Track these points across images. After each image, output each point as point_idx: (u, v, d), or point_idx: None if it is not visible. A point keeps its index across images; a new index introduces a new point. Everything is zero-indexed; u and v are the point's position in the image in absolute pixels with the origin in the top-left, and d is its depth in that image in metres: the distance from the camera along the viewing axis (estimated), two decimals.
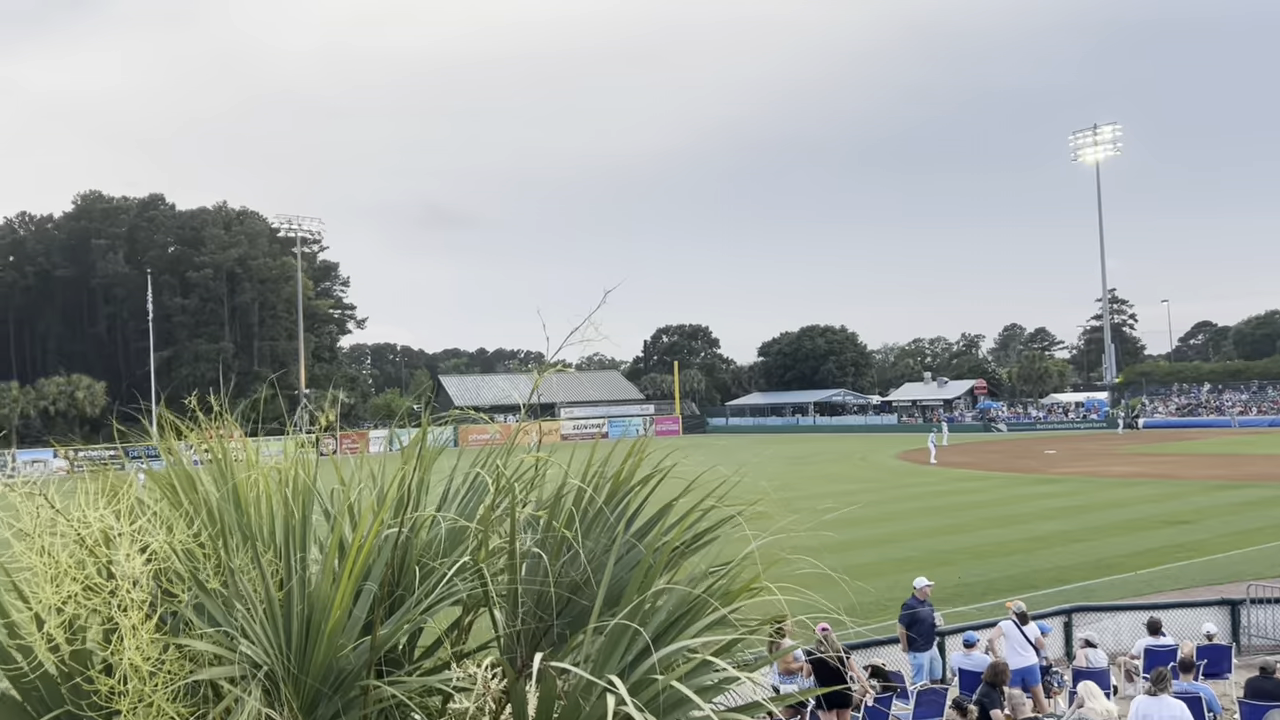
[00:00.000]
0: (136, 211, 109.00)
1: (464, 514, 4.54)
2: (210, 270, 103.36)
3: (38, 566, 2.95)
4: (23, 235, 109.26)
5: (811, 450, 69.95)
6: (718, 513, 4.47)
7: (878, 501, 37.54)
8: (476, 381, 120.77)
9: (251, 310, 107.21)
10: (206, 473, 4.18)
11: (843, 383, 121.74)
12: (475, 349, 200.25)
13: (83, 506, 3.12)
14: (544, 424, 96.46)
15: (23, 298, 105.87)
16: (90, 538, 3.08)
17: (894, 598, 16.14)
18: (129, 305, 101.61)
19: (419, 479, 4.17)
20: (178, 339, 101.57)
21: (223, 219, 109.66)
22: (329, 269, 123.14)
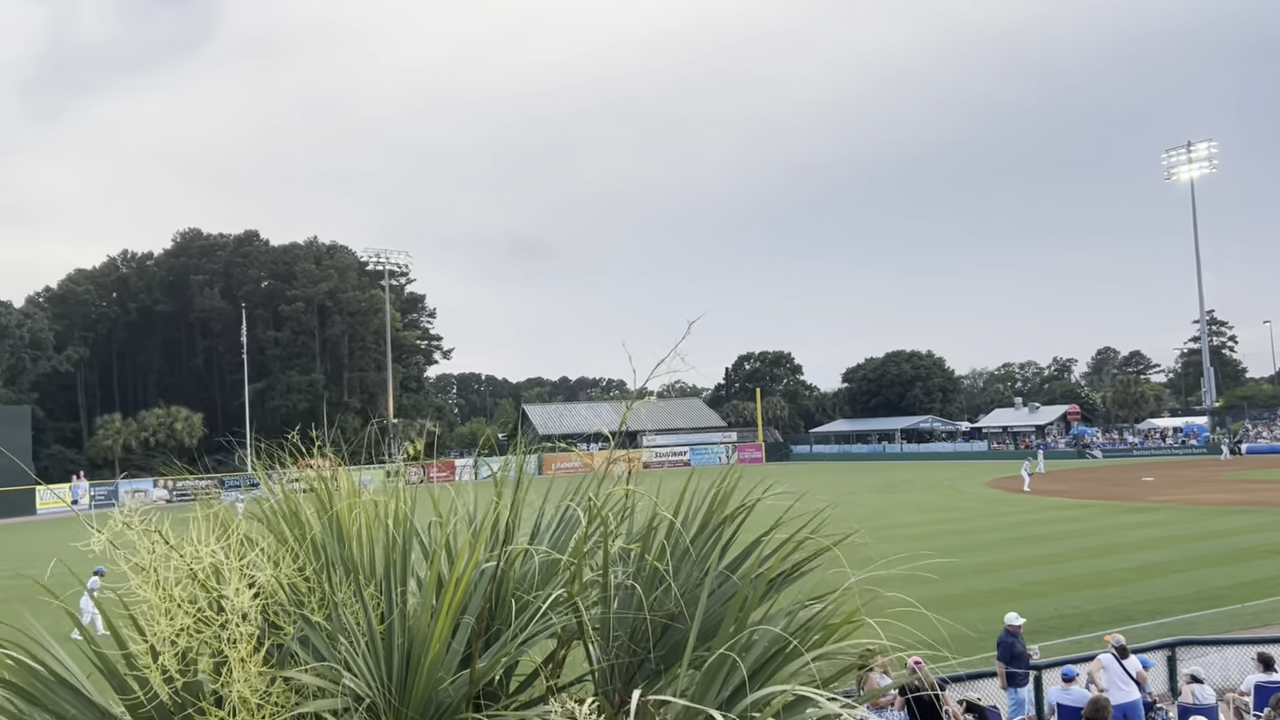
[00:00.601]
0: (232, 248, 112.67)
1: (556, 546, 4.58)
2: (302, 304, 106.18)
3: (153, 600, 3.05)
4: (125, 272, 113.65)
5: (899, 478, 68.78)
6: (812, 544, 4.42)
7: (969, 531, 36.71)
8: (559, 410, 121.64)
9: (341, 342, 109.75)
10: (308, 503, 4.28)
11: (930, 409, 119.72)
12: (558, 377, 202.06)
13: (195, 541, 3.22)
14: (627, 453, 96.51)
15: (125, 333, 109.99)
16: (202, 572, 3.17)
17: (988, 630, 15.74)
18: (225, 339, 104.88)
19: (512, 512, 4.21)
20: (271, 371, 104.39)
21: (314, 254, 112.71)
22: (416, 301, 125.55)
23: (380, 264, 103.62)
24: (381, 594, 3.66)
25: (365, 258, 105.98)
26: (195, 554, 3.18)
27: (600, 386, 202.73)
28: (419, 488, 5.05)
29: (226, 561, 3.15)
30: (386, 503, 4.26)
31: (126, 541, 3.21)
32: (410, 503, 4.38)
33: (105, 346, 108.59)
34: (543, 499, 4.77)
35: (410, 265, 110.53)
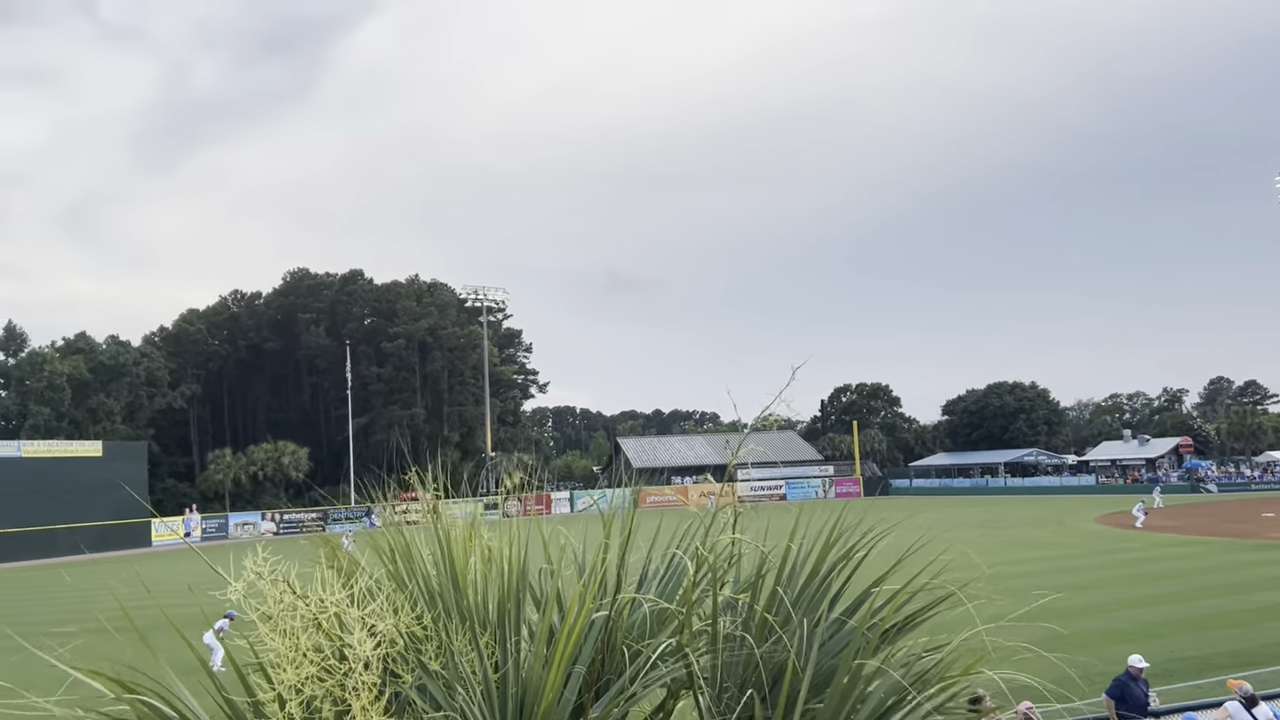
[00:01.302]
0: (338, 286, 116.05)
1: (664, 594, 4.57)
2: (403, 340, 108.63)
3: (280, 649, 3.14)
4: (236, 311, 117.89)
5: (1003, 513, 66.93)
6: (928, 591, 4.33)
7: (1078, 569, 35.48)
8: (653, 443, 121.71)
9: (441, 377, 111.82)
10: (421, 539, 4.35)
11: (1034, 442, 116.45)
12: (651, 410, 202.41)
13: (319, 590, 3.30)
14: (723, 486, 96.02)
15: (235, 370, 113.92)
16: (326, 621, 3.25)
17: (1102, 671, 15.16)
18: (330, 375, 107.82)
19: (621, 560, 4.23)
20: (374, 406, 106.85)
21: (414, 291, 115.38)
22: (513, 336, 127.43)
23: (478, 300, 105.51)
24: (496, 642, 3.70)
25: (464, 294, 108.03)
26: (320, 603, 3.26)
27: (694, 419, 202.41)
28: (528, 525, 5.09)
29: (350, 611, 3.23)
30: (501, 548, 4.31)
31: (256, 590, 3.32)
32: (523, 547, 4.43)
33: (217, 383, 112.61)
34: (650, 544, 4.78)
35: (507, 301, 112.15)
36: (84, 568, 57.66)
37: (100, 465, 70.44)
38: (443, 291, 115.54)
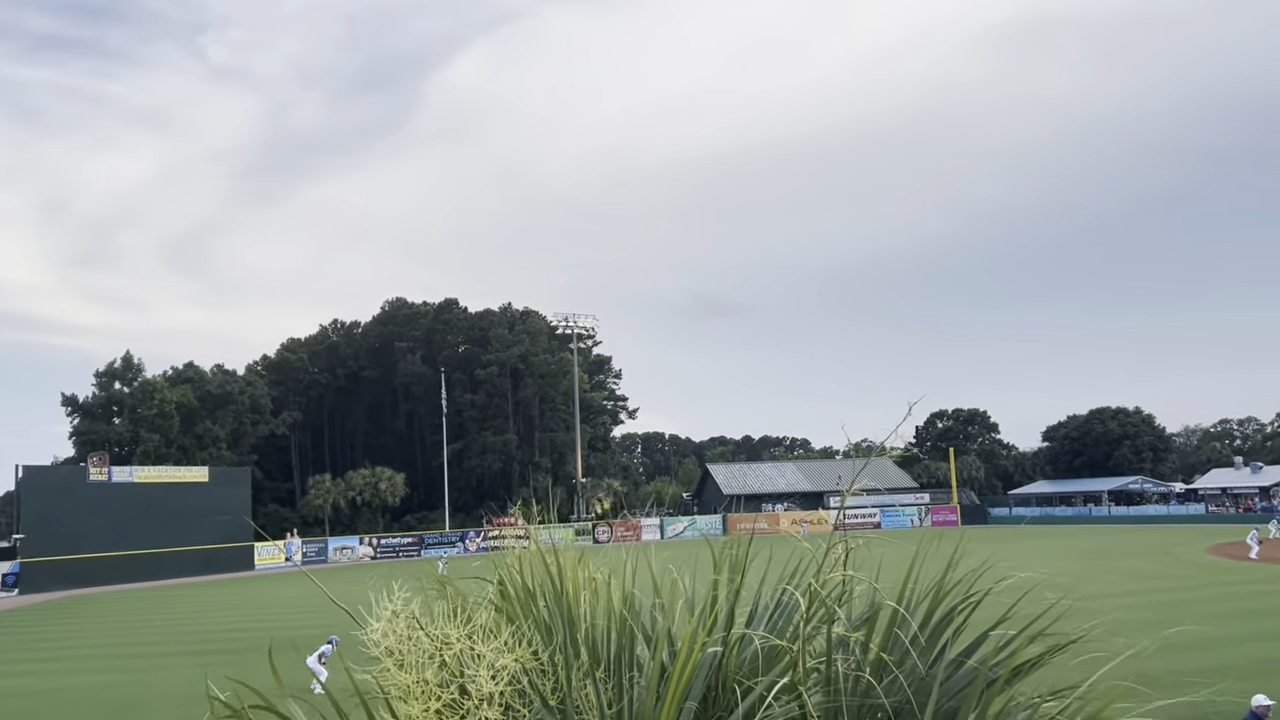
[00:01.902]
0: (433, 315, 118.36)
1: (775, 631, 4.53)
2: (496, 367, 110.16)
3: (406, 683, 3.20)
4: (335, 340, 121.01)
5: (1107, 543, 64.72)
6: (1048, 635, 4.21)
7: (1188, 601, 34.05)
8: (743, 469, 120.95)
9: (533, 404, 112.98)
10: (530, 575, 4.39)
11: (1139, 469, 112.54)
12: (741, 436, 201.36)
13: (442, 625, 3.36)
14: (813, 514, 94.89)
15: (335, 397, 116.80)
16: (451, 657, 3.31)
17: (1222, 711, 14.50)
18: (425, 402, 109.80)
19: (735, 596, 4.21)
20: (468, 432, 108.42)
21: (507, 319, 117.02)
22: (602, 362, 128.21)
23: (569, 327, 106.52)
24: (610, 677, 3.72)
25: (555, 322, 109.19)
26: (444, 638, 3.32)
27: (783, 445, 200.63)
28: (634, 555, 5.10)
29: (475, 647, 3.28)
30: (606, 579, 4.33)
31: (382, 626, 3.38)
32: (630, 578, 4.44)
33: (317, 410, 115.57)
34: (760, 580, 4.74)
35: (597, 328, 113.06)
36: (191, 590, 59.57)
37: (206, 490, 72.75)
38: (534, 319, 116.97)
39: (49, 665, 30.98)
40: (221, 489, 73.98)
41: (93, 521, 64.89)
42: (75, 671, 29.18)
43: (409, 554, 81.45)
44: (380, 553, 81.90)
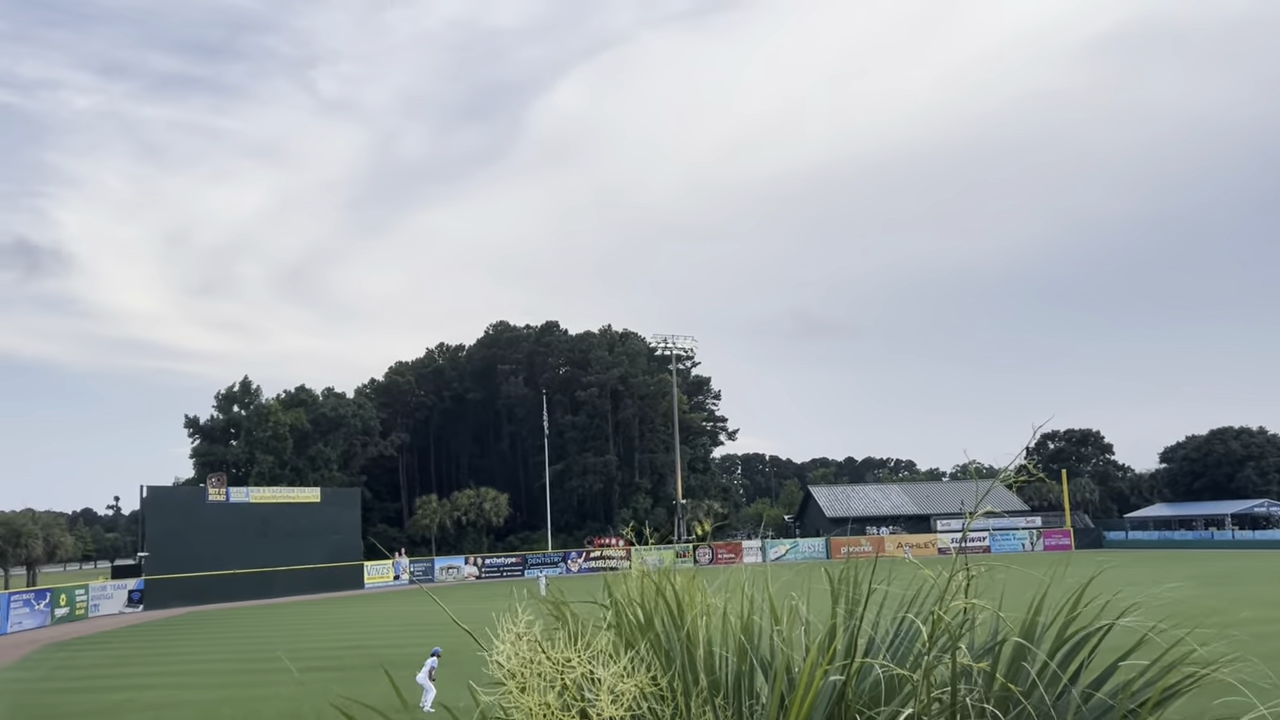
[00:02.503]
0: (534, 338, 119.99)
1: (894, 660, 4.45)
2: (596, 389, 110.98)
3: (530, 706, 3.24)
4: (441, 364, 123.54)
5: (1232, 569, 61.77)
6: (1182, 667, 4.05)
7: None
8: (846, 491, 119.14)
9: (632, 425, 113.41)
10: (640, 595, 4.40)
11: (1265, 491, 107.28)
12: (843, 458, 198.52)
13: (563, 648, 3.40)
14: (919, 537, 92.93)
15: (440, 419, 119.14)
16: (572, 681, 3.34)
17: None
18: (527, 423, 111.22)
19: (858, 623, 4.15)
20: (569, 453, 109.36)
21: (606, 341, 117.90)
22: (701, 383, 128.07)
23: (667, 349, 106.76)
24: (729, 704, 3.70)
25: (654, 343, 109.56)
26: (565, 662, 3.35)
27: (888, 467, 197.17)
28: (749, 579, 5.06)
29: (597, 671, 3.30)
30: (723, 603, 4.31)
31: (501, 650, 3.43)
32: (746, 602, 4.41)
33: (423, 432, 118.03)
34: (878, 608, 4.66)
35: (696, 349, 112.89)
36: (304, 608, 61.24)
37: (318, 510, 74.80)
38: (633, 341, 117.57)
39: (172, 679, 32.16)
40: (333, 509, 76.00)
41: (211, 540, 67.27)
42: (196, 686, 30.22)
43: (513, 574, 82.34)
44: (485, 572, 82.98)
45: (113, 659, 39.28)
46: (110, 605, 61.26)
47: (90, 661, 38.60)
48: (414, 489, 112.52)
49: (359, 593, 72.96)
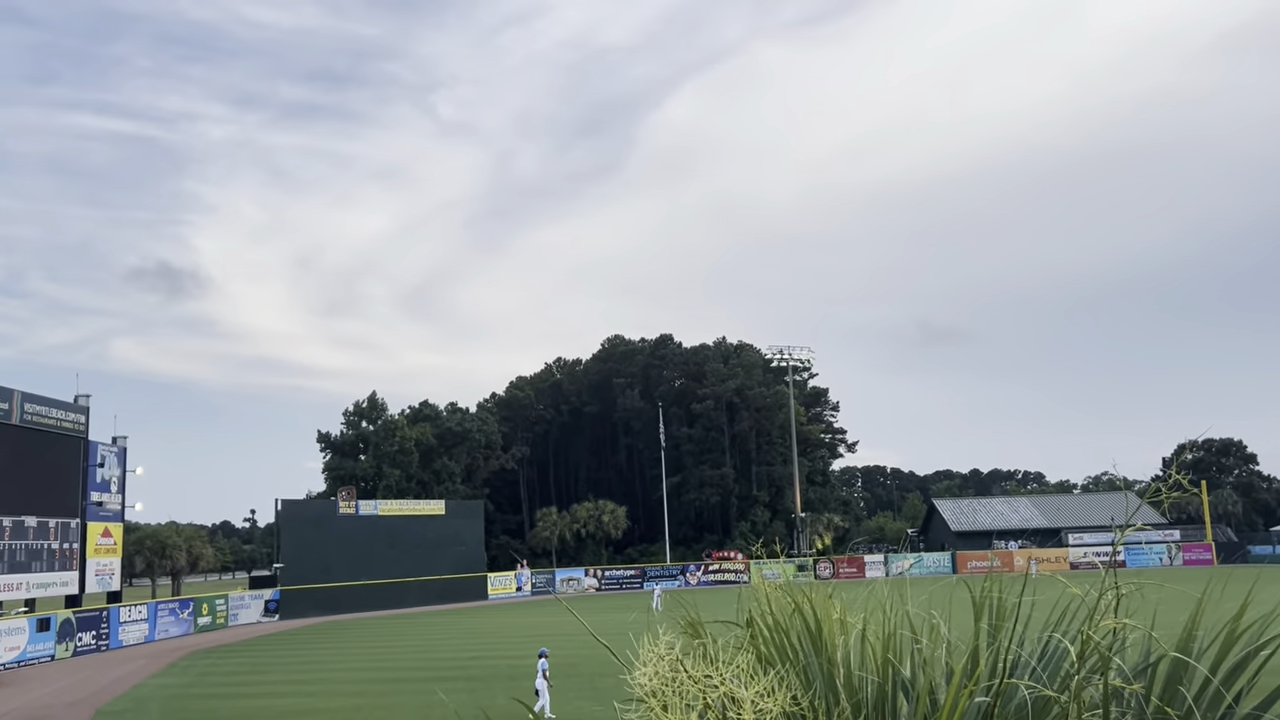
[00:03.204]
0: (649, 351, 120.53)
1: (1039, 679, 4.31)
2: (711, 401, 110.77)
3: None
4: (559, 378, 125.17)
5: None
6: None
7: None
8: (972, 504, 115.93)
9: (749, 437, 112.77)
10: (775, 611, 4.36)
11: None
12: (968, 470, 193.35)
13: (703, 666, 3.40)
14: (1049, 551, 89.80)
15: (559, 433, 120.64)
16: (713, 699, 3.34)
17: None
18: (644, 436, 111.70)
19: (1008, 640, 4.03)
20: (685, 465, 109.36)
21: (721, 353, 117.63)
22: (819, 395, 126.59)
23: (784, 360, 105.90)
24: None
25: (769, 354, 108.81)
26: (707, 679, 3.35)
27: (1015, 479, 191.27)
28: (887, 594, 4.97)
29: (739, 690, 3.29)
30: (859, 621, 4.25)
31: (644, 666, 3.44)
32: (885, 620, 4.34)
33: (543, 445, 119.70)
34: (1022, 627, 4.53)
35: (813, 360, 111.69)
36: (430, 618, 62.67)
37: (443, 523, 76.49)
38: (749, 352, 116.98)
39: (307, 687, 33.30)
40: (457, 521, 77.63)
41: (342, 552, 69.45)
42: (330, 694, 31.22)
43: (632, 586, 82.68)
44: (605, 584, 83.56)
45: (251, 666, 40.90)
46: (248, 614, 63.79)
47: (231, 669, 40.26)
48: (534, 501, 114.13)
49: (483, 604, 74.30)
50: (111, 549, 54.49)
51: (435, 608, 70.55)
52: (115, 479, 55.29)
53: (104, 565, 53.39)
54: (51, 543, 48.82)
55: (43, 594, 48.80)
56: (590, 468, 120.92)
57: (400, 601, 70.48)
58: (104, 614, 50.45)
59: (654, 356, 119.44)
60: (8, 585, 46.28)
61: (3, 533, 45.51)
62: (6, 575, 45.85)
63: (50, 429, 49.78)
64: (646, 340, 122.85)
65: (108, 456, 54.68)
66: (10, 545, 46.01)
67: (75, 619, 47.87)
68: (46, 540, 48.48)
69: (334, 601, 66.56)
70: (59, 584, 49.57)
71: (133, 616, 52.64)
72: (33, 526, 47.55)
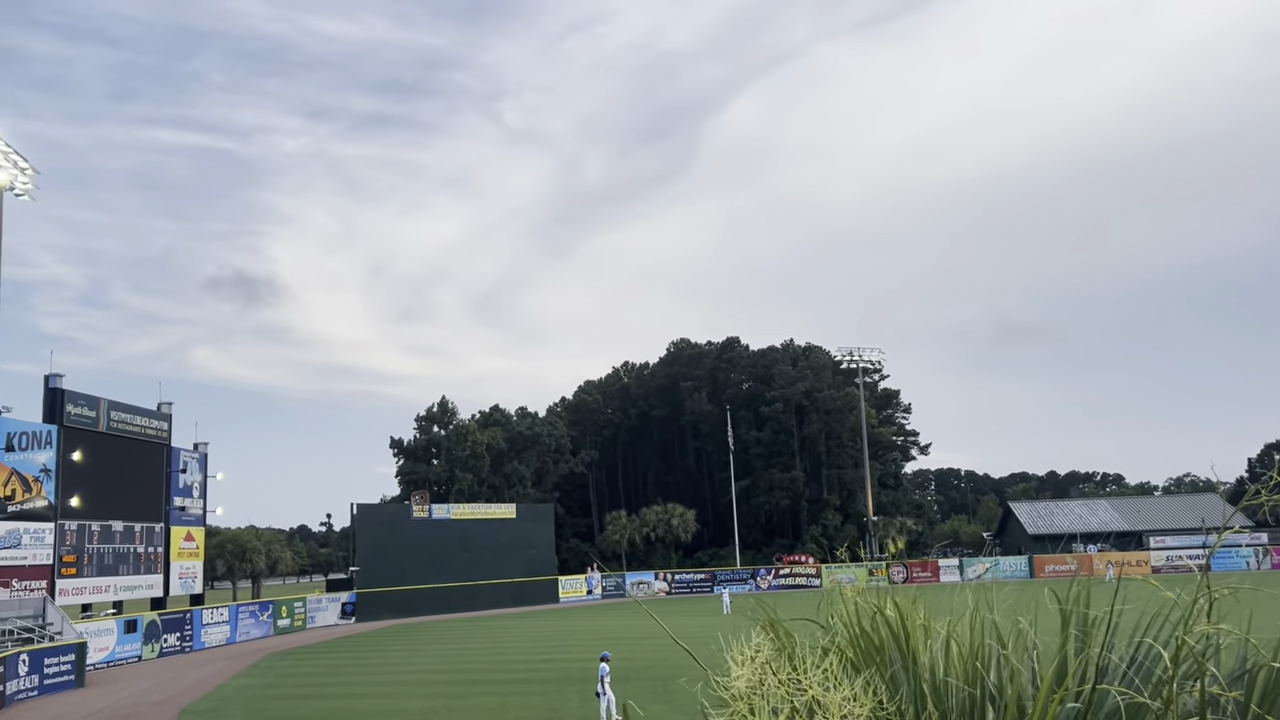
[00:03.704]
0: (716, 354, 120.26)
1: (1131, 687, 4.21)
2: (780, 404, 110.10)
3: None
4: (626, 382, 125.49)
5: None
6: None
7: None
8: (1049, 507, 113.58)
9: (819, 440, 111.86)
10: (857, 616, 4.30)
11: None
12: (1045, 472, 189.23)
13: (793, 670, 3.38)
14: (1130, 555, 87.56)
15: (627, 436, 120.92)
16: (800, 703, 3.32)
17: None
18: (712, 439, 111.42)
19: (1102, 646, 3.94)
20: (754, 469, 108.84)
21: (790, 356, 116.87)
22: (890, 396, 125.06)
23: (853, 362, 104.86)
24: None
25: (839, 356, 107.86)
26: (795, 685, 3.33)
27: (1094, 481, 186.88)
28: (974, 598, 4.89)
29: (828, 695, 3.27)
30: (951, 629, 4.18)
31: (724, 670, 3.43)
32: (971, 625, 4.26)
33: (611, 449, 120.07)
34: (1110, 632, 4.42)
35: (883, 361, 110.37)
36: (503, 621, 63.22)
37: (514, 526, 77.17)
38: (817, 354, 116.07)
39: (384, 688, 33.82)
40: (528, 525, 78.26)
41: (416, 555, 70.42)
42: (407, 695, 31.66)
43: (702, 590, 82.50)
44: (674, 588, 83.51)
45: (329, 668, 41.67)
46: (325, 617, 64.98)
47: (310, 670, 41.06)
48: (604, 505, 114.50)
49: (554, 607, 74.73)
50: (194, 553, 55.94)
51: (507, 610, 71.16)
52: (197, 484, 56.74)
53: (187, 568, 54.83)
54: (137, 546, 50.28)
55: (129, 596, 50.30)
56: (658, 471, 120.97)
57: (472, 604, 71.22)
58: (188, 616, 51.80)
59: (721, 359, 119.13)
60: (97, 588, 47.81)
61: (92, 537, 47.02)
62: (96, 578, 47.36)
63: (135, 436, 51.31)
64: (713, 343, 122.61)
65: (190, 462, 56.14)
66: (99, 549, 47.52)
67: (160, 621, 49.23)
68: (132, 544, 49.95)
69: (408, 604, 67.49)
70: (145, 587, 51.05)
71: (215, 619, 53.97)
72: (119, 531, 49.03)
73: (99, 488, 47.67)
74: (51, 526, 44.58)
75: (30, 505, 43.51)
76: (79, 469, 46.26)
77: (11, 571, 42.08)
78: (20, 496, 42.97)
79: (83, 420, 47.13)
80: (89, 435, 47.48)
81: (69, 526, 45.69)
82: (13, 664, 34.38)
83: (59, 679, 37.05)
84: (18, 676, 34.61)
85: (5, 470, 42.17)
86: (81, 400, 47.27)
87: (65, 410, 46.00)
